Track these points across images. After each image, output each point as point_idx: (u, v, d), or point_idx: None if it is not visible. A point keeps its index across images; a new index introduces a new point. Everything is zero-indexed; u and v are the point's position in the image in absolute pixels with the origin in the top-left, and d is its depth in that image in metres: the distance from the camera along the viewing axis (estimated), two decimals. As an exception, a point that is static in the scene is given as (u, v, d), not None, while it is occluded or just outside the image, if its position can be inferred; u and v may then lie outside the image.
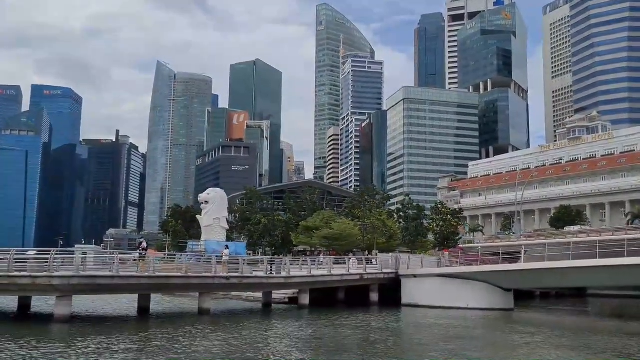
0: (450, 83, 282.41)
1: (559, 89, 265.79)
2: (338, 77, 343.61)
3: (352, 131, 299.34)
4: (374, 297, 44.41)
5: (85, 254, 34.96)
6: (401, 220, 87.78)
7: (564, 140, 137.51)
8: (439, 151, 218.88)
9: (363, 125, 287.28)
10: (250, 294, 43.88)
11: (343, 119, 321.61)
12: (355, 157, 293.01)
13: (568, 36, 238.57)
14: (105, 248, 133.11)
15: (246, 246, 70.42)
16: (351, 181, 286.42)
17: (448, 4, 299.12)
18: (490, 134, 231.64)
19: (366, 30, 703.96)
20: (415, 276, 43.57)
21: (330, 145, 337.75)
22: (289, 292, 42.46)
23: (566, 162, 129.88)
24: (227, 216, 63.47)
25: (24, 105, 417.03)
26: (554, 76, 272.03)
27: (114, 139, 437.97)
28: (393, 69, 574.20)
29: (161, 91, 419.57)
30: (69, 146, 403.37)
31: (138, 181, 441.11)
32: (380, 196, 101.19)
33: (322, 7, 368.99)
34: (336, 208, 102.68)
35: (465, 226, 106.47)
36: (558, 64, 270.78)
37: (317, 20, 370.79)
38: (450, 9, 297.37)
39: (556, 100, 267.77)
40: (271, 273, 38.19)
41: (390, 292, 44.59)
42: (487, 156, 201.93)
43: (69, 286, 28.44)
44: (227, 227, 62.83)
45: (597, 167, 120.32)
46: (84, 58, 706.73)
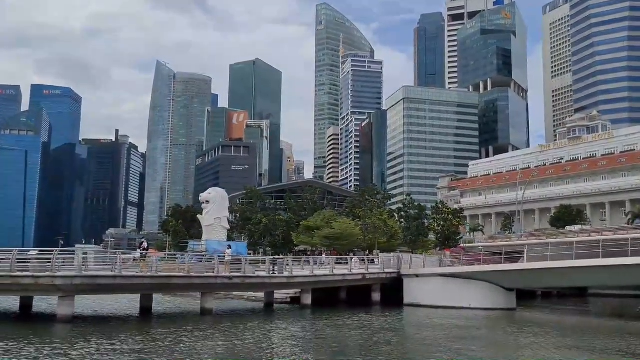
0: (450, 83, 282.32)
1: (559, 89, 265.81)
2: (338, 77, 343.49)
3: (352, 131, 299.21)
4: (376, 297, 44.33)
5: (85, 254, 34.88)
6: (402, 219, 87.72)
7: (564, 139, 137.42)
8: (439, 151, 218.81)
9: (363, 124, 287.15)
10: (251, 294, 43.81)
11: (343, 119, 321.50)
12: (355, 157, 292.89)
13: (568, 36, 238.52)
14: (105, 248, 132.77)
15: (247, 246, 70.33)
16: (351, 181, 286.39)
17: (448, 4, 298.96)
18: (490, 134, 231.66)
19: (366, 29, 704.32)
20: (417, 276, 43.49)
21: (330, 145, 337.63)
22: (291, 292, 42.40)
23: (566, 162, 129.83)
24: (228, 216, 63.39)
25: (24, 105, 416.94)
26: (554, 76, 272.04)
27: (114, 139, 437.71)
28: (393, 69, 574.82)
29: (161, 91, 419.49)
30: (69, 146, 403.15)
31: (138, 181, 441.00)
32: (381, 196, 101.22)
33: (322, 7, 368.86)
34: (337, 208, 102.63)
35: (466, 226, 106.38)
36: (558, 64, 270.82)
37: (317, 20, 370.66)
38: (450, 9, 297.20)
39: (556, 99, 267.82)
40: (274, 273, 38.12)
41: (392, 292, 44.50)
42: (487, 156, 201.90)
43: (72, 286, 28.36)
44: (228, 227, 62.75)
45: (597, 167, 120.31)
46: (84, 58, 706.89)
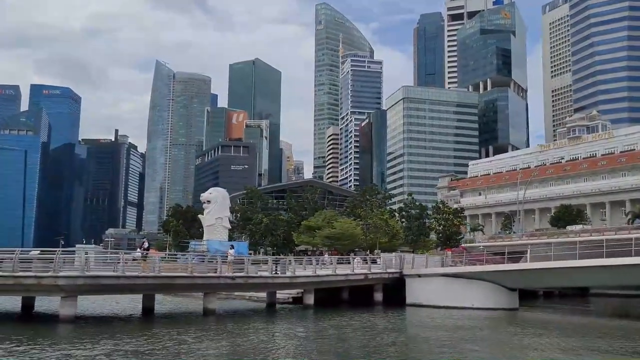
0: (449, 82, 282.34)
1: (558, 88, 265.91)
2: (337, 77, 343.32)
3: (352, 131, 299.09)
4: (378, 297, 44.24)
5: (86, 254, 34.77)
6: (403, 219, 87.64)
7: (564, 139, 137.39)
8: (439, 150, 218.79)
9: (362, 124, 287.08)
10: (253, 294, 43.74)
11: (342, 119, 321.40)
12: (354, 157, 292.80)
13: (567, 35, 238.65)
14: (105, 248, 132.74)
15: (248, 246, 70.22)
16: (350, 181, 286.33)
17: (447, 4, 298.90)
18: (489, 134, 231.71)
19: (365, 29, 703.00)
20: (419, 276, 43.43)
21: (329, 144, 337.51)
22: (293, 292, 42.30)
23: (566, 162, 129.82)
24: (229, 216, 63.33)
25: (23, 104, 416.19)
26: (553, 75, 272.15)
27: (113, 139, 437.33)
28: (392, 69, 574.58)
29: (160, 91, 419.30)
30: (68, 146, 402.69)
31: (137, 181, 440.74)
32: (381, 195, 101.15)
33: (322, 7, 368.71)
34: (337, 207, 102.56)
35: (467, 226, 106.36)
36: (557, 63, 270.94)
37: (317, 19, 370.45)
38: (449, 9, 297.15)
39: (555, 99, 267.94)
40: (276, 273, 38.04)
41: (394, 292, 44.42)
42: (487, 155, 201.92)
43: (75, 286, 28.30)
44: (229, 227, 62.72)
45: (597, 167, 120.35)
46: (84, 58, 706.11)
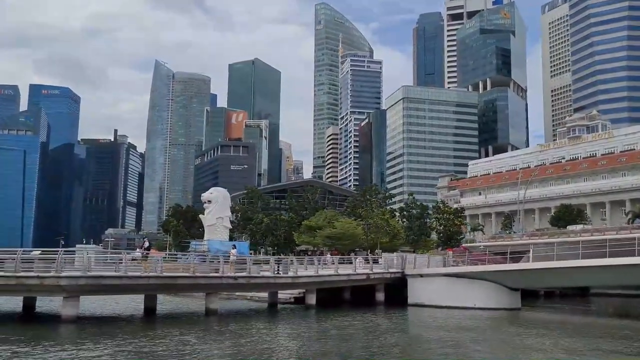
0: (449, 82, 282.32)
1: (558, 88, 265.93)
2: (337, 77, 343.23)
3: (351, 130, 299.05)
4: (380, 297, 44.13)
5: (88, 254, 34.68)
6: (404, 219, 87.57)
7: (564, 139, 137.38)
8: (438, 150, 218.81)
9: (362, 124, 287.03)
10: (254, 294, 43.66)
11: (342, 119, 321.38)
12: (354, 157, 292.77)
13: (567, 35, 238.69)
14: (105, 248, 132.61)
15: (249, 246, 70.14)
16: (350, 180, 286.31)
17: (447, 3, 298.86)
18: (489, 133, 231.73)
19: (365, 29, 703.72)
20: (421, 276, 43.35)
21: (329, 144, 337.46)
22: (295, 292, 42.21)
23: (566, 161, 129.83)
24: (230, 215, 63.22)
25: (22, 104, 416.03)
26: (553, 75, 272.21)
27: (112, 139, 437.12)
28: (392, 69, 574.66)
29: (159, 91, 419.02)
30: (67, 146, 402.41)
31: (136, 181, 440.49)
32: (382, 195, 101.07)
33: (321, 7, 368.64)
34: (337, 207, 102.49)
35: (467, 225, 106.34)
36: (557, 63, 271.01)
37: (316, 19, 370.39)
38: (449, 8, 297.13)
39: (555, 99, 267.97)
40: (278, 273, 37.96)
41: (395, 292, 44.36)
42: (487, 155, 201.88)
43: (77, 286, 28.21)
44: (230, 227, 62.60)
45: (597, 166, 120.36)
46: (83, 58, 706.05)
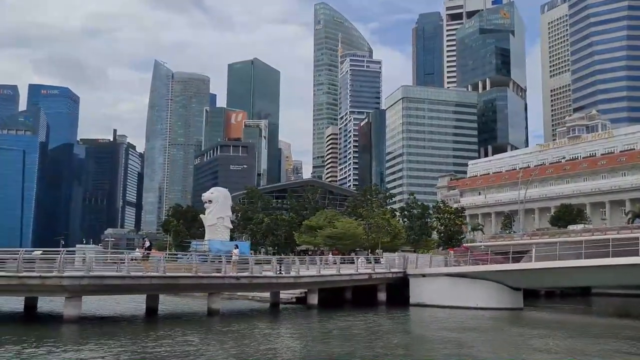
0: (448, 82, 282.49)
1: (557, 88, 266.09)
2: (336, 77, 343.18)
3: (351, 130, 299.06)
4: (382, 297, 44.04)
5: (85, 254, 34.57)
6: (405, 219, 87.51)
7: (564, 139, 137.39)
8: (438, 150, 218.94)
9: (361, 124, 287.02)
10: (255, 294, 43.57)
11: (341, 118, 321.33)
12: (353, 157, 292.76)
13: (566, 35, 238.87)
14: (105, 248, 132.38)
15: (249, 246, 70.00)
16: (350, 180, 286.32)
17: (446, 3, 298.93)
18: (488, 133, 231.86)
19: (364, 29, 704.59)
20: (423, 275, 43.29)
21: (328, 144, 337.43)
22: (296, 292, 42.16)
23: (566, 161, 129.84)
24: (231, 215, 63.13)
25: (21, 104, 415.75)
26: (552, 75, 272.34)
27: (112, 139, 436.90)
28: (391, 68, 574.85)
29: (159, 91, 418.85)
30: (67, 146, 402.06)
31: (136, 181, 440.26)
32: (382, 195, 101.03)
33: (320, 7, 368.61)
34: (337, 207, 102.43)
35: (468, 225, 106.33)
36: (556, 63, 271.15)
37: (315, 19, 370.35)
38: (448, 8, 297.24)
39: (554, 99, 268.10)
40: (280, 273, 37.90)
41: (397, 292, 44.32)
42: (486, 155, 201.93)
43: (79, 287, 28.10)
44: (231, 227, 62.49)
45: (597, 166, 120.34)
46: (82, 58, 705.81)
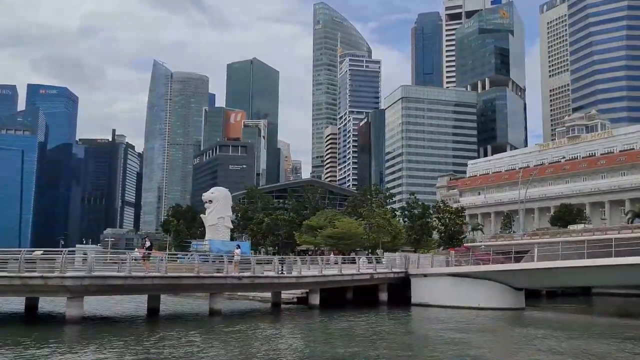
0: (447, 82, 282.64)
1: (556, 88, 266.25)
2: (335, 76, 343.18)
3: (350, 130, 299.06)
4: (383, 297, 43.99)
5: (85, 254, 34.47)
6: (406, 219, 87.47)
7: (563, 138, 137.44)
8: (437, 150, 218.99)
9: (361, 124, 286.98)
10: (256, 294, 43.50)
11: (341, 118, 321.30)
12: (353, 157, 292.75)
13: (565, 35, 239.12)
14: (104, 248, 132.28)
15: (250, 246, 69.87)
16: (349, 180, 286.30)
17: (445, 3, 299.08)
18: (488, 133, 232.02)
19: (363, 28, 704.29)
20: (425, 275, 43.25)
21: (327, 144, 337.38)
22: (297, 292, 42.08)
23: (565, 161, 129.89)
24: (232, 215, 62.97)
25: (20, 104, 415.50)
26: (551, 75, 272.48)
27: (110, 139, 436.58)
28: (390, 68, 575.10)
29: (158, 90, 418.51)
30: (65, 145, 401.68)
31: (134, 181, 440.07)
32: (382, 195, 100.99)
33: (319, 6, 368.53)
34: (337, 207, 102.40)
35: (468, 225, 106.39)
36: (555, 63, 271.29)
37: (314, 19, 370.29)
38: (447, 8, 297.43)
39: (553, 98, 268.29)
40: (282, 273, 37.81)
41: (398, 292, 44.29)
42: (485, 155, 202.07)
43: (81, 287, 27.98)
44: (231, 227, 62.35)
45: (597, 166, 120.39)
46: (80, 57, 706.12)
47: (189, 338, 25.24)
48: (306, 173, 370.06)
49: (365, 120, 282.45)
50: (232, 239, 67.78)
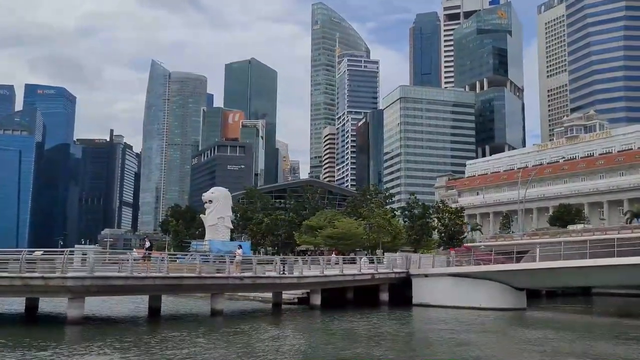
0: (446, 82, 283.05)
1: (554, 88, 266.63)
2: (334, 76, 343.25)
3: (348, 130, 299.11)
4: (384, 297, 43.91)
5: (85, 254, 34.31)
6: (406, 219, 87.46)
7: (562, 138, 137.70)
8: (436, 150, 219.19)
9: (359, 124, 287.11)
10: (257, 294, 43.36)
11: (339, 118, 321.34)
12: (351, 157, 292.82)
13: (563, 35, 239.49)
14: (103, 248, 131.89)
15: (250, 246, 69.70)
16: (347, 180, 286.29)
17: (443, 3, 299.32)
18: (486, 133, 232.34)
19: (361, 29, 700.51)
20: (426, 276, 43.19)
21: (326, 144, 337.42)
22: (299, 293, 42.00)
23: (564, 161, 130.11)
24: (231, 215, 62.86)
25: (17, 104, 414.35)
26: (549, 75, 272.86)
27: (108, 139, 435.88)
28: (388, 68, 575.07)
29: (156, 90, 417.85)
30: (63, 146, 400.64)
31: (132, 181, 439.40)
32: (382, 195, 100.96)
33: (318, 6, 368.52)
34: (337, 207, 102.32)
35: (468, 225, 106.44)
36: (553, 63, 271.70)
37: (313, 19, 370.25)
38: (445, 8, 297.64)
39: (551, 99, 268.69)
40: (284, 273, 37.71)
41: (399, 292, 44.23)
42: (484, 155, 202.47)
43: (83, 287, 27.84)
44: (231, 227, 62.24)
45: (595, 166, 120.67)
46: (78, 57, 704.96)
47: (192, 338, 25.13)
48: (304, 173, 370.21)
49: (363, 120, 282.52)
50: (232, 239, 67.67)
